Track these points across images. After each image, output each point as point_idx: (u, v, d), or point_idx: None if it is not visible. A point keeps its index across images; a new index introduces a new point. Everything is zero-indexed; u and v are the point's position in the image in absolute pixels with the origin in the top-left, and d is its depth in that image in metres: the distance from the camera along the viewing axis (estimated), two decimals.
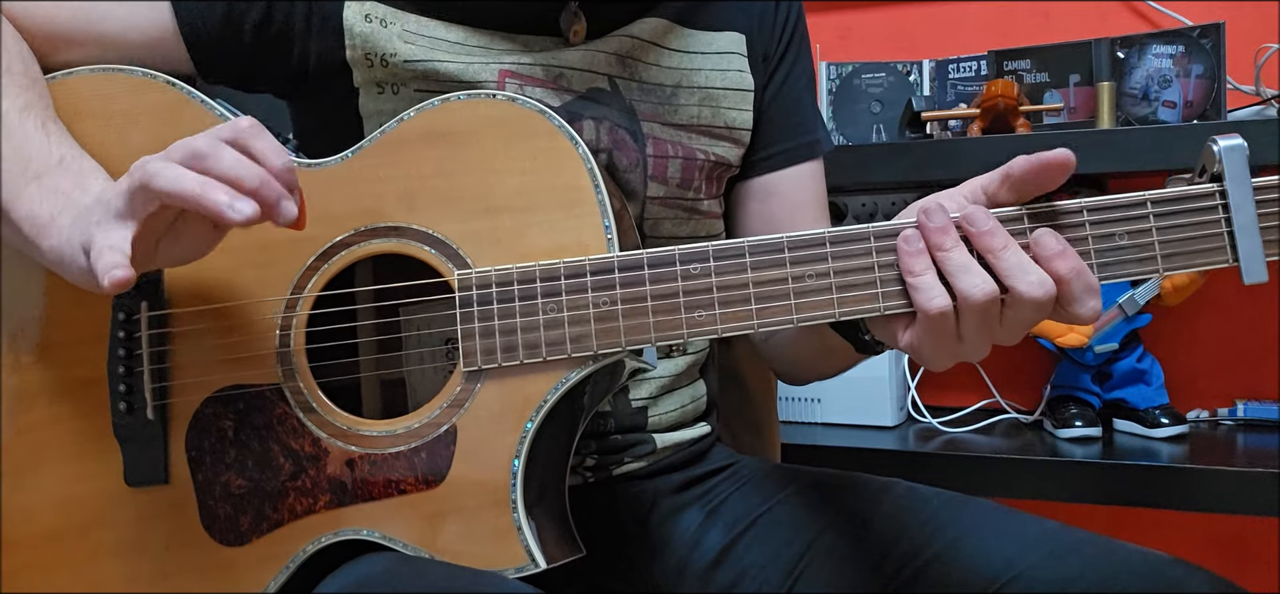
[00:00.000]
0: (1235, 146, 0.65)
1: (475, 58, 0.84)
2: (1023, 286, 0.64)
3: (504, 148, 0.75)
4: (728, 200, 0.99)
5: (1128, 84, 1.41)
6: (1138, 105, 1.41)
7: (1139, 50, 1.40)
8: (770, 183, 0.97)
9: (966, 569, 0.79)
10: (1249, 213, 0.65)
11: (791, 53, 0.98)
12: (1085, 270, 0.65)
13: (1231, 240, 0.65)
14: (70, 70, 0.82)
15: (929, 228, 0.66)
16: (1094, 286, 0.65)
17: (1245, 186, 0.65)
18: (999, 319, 0.66)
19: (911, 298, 0.67)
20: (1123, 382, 1.49)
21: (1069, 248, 0.65)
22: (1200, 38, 1.37)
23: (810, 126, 0.99)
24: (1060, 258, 0.64)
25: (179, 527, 0.77)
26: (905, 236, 0.67)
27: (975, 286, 0.65)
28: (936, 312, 0.65)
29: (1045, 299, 0.64)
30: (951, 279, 0.65)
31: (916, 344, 0.69)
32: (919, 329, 0.68)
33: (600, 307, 0.71)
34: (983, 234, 0.65)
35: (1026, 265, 0.65)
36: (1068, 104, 1.44)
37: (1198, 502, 1.26)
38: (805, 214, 0.97)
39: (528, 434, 0.73)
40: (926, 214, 0.66)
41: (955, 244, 0.66)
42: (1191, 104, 1.38)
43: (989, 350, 0.68)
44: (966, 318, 0.66)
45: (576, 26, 0.86)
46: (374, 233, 0.76)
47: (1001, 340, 0.68)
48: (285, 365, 0.76)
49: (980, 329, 0.66)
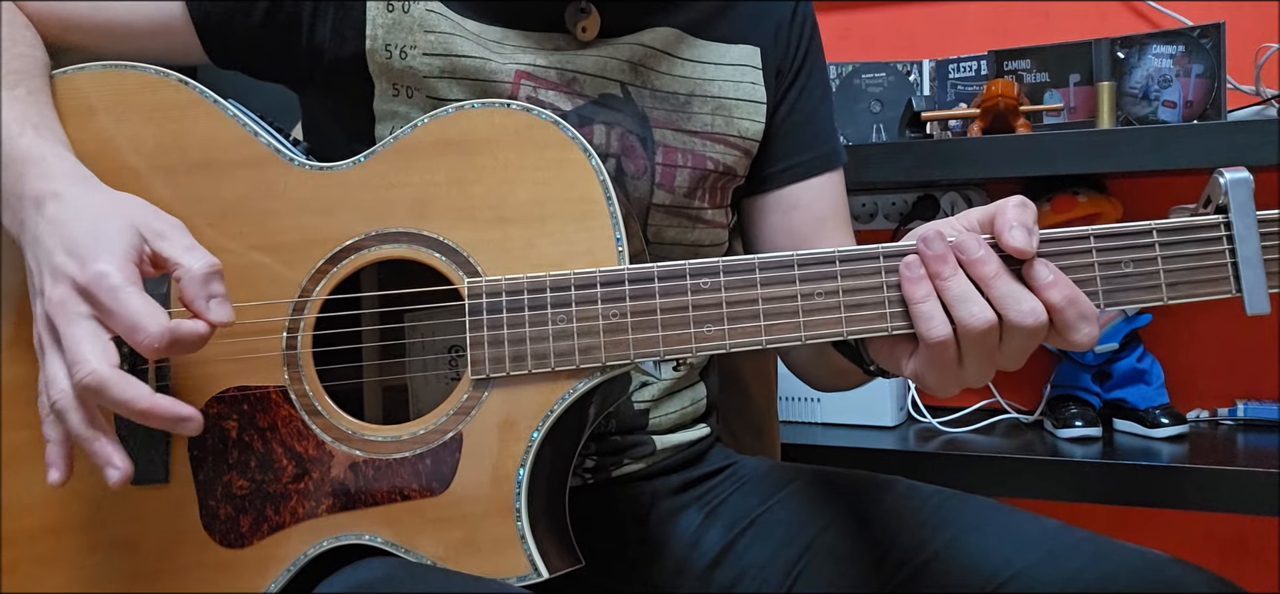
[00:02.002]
0: (1241, 179, 0.66)
1: (492, 53, 0.84)
2: (1014, 315, 0.65)
3: (517, 158, 0.75)
4: (746, 214, 0.99)
5: (1128, 84, 1.41)
6: (1138, 105, 1.41)
7: (1139, 50, 1.40)
8: (792, 195, 0.96)
9: (966, 568, 0.79)
10: (1253, 244, 0.66)
11: (808, 65, 0.97)
12: (1079, 298, 0.66)
13: (1235, 271, 0.66)
14: (82, 66, 0.82)
15: (927, 256, 0.67)
16: (1089, 313, 0.66)
17: (1250, 218, 0.66)
18: (999, 347, 0.67)
19: (914, 325, 0.67)
20: (1123, 381, 1.49)
21: (1062, 276, 0.66)
22: (1200, 38, 1.37)
23: (828, 138, 0.98)
24: (1052, 287, 0.65)
25: (179, 527, 0.77)
26: (907, 262, 0.68)
27: (973, 316, 0.65)
28: (937, 340, 0.66)
29: (1037, 327, 0.65)
30: (951, 308, 0.66)
31: (920, 371, 0.69)
32: (921, 357, 0.69)
33: (610, 319, 0.72)
34: (975, 262, 0.66)
35: (1018, 294, 0.65)
36: (1068, 104, 1.44)
37: (1198, 502, 1.26)
38: (829, 227, 0.97)
39: (534, 444, 0.73)
40: (925, 242, 0.67)
41: (954, 272, 0.66)
42: (1191, 104, 1.38)
43: (992, 376, 0.69)
44: (967, 346, 0.66)
45: (584, 22, 0.86)
46: (384, 238, 0.76)
47: (1003, 365, 0.68)
48: (291, 368, 0.76)
49: (981, 356, 0.67)
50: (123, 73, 0.81)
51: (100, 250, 0.67)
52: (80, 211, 0.70)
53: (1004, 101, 1.35)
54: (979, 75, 1.54)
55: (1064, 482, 1.32)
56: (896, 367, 0.72)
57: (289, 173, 0.78)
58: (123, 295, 0.66)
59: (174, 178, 0.79)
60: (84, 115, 0.80)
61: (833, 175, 0.98)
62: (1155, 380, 1.49)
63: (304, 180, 0.78)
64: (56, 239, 0.69)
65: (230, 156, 0.79)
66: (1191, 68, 1.38)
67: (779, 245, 0.96)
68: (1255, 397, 1.54)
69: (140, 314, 0.65)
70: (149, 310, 0.66)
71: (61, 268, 0.67)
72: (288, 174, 0.78)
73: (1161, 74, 1.39)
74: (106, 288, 0.66)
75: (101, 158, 0.78)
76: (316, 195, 0.77)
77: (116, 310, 0.66)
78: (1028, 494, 1.34)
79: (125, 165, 0.79)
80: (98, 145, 0.79)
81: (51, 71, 0.82)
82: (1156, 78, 1.40)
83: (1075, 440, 1.42)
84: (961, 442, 1.47)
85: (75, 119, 0.79)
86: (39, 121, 0.75)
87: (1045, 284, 0.65)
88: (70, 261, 0.67)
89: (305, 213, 0.77)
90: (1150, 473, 1.28)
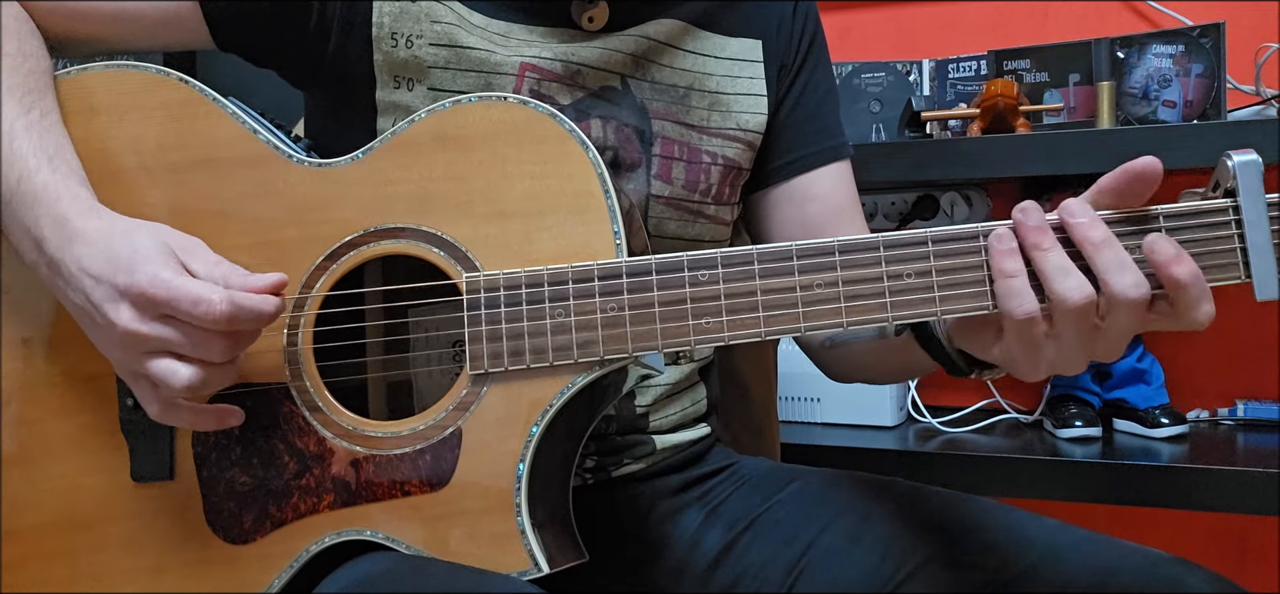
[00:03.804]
0: (1250, 162, 0.64)
1: (497, 46, 0.84)
2: (1119, 287, 0.62)
3: (515, 152, 0.75)
4: (756, 209, 0.99)
5: (1127, 83, 1.41)
6: (1137, 105, 1.41)
7: (1139, 50, 1.40)
8: (803, 187, 0.96)
9: (966, 567, 0.79)
10: (1263, 229, 0.64)
11: (811, 60, 0.97)
12: (1201, 275, 0.63)
13: (1244, 257, 0.64)
14: (85, 66, 0.82)
15: (1027, 226, 0.64)
16: (1207, 292, 0.63)
17: (1259, 202, 0.64)
18: (1097, 327, 0.64)
19: (999, 301, 0.65)
20: (1123, 381, 1.49)
21: (1184, 252, 0.63)
22: (1200, 37, 1.37)
23: (835, 131, 0.98)
24: (1177, 262, 0.63)
25: (183, 523, 0.77)
26: (997, 235, 0.65)
27: (1071, 290, 0.63)
28: (1025, 315, 0.64)
29: (1140, 300, 0.63)
30: (1047, 281, 0.64)
31: (1008, 353, 0.67)
32: (1009, 338, 0.66)
33: (608, 312, 0.72)
34: (1080, 224, 0.63)
35: (1126, 262, 0.63)
36: (1067, 104, 1.44)
37: (1198, 501, 1.26)
38: (844, 218, 0.96)
39: (533, 438, 0.73)
40: (1024, 212, 0.65)
41: (1053, 245, 0.64)
42: (1191, 104, 1.38)
43: (1084, 366, 0.66)
44: (1063, 323, 0.64)
45: (590, 12, 0.86)
46: (383, 233, 0.77)
47: (1100, 355, 0.66)
48: (292, 364, 0.77)
49: (1077, 336, 0.64)
50: (124, 72, 0.81)
51: (140, 261, 0.69)
52: (110, 235, 0.71)
53: (1003, 101, 1.35)
54: (978, 75, 1.54)
55: (1064, 482, 1.32)
56: (983, 350, 0.70)
57: (288, 170, 0.78)
58: (179, 282, 0.68)
59: (175, 176, 0.79)
60: (86, 115, 0.80)
61: (842, 166, 0.98)
62: (1155, 380, 1.49)
63: (303, 177, 0.78)
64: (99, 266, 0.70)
65: (230, 154, 0.79)
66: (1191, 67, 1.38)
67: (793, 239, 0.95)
68: (1255, 397, 1.54)
69: (202, 289, 0.68)
70: (208, 286, 0.68)
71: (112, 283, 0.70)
72: (287, 171, 0.78)
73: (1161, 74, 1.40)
74: (162, 283, 0.68)
75: (104, 157, 0.79)
76: (316, 192, 0.77)
77: (178, 295, 0.68)
78: (1028, 494, 1.34)
79: (126, 164, 0.79)
80: (100, 144, 0.79)
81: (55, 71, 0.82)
82: (1156, 77, 1.40)
83: (1075, 440, 1.42)
84: (961, 442, 1.47)
85: (78, 119, 0.80)
86: (54, 152, 0.76)
87: (1169, 258, 0.62)
88: (118, 274, 0.69)
89: (305, 209, 0.78)
90: (1150, 473, 1.28)
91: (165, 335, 0.69)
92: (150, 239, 0.71)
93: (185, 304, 0.68)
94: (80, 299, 0.71)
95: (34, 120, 0.76)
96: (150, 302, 0.68)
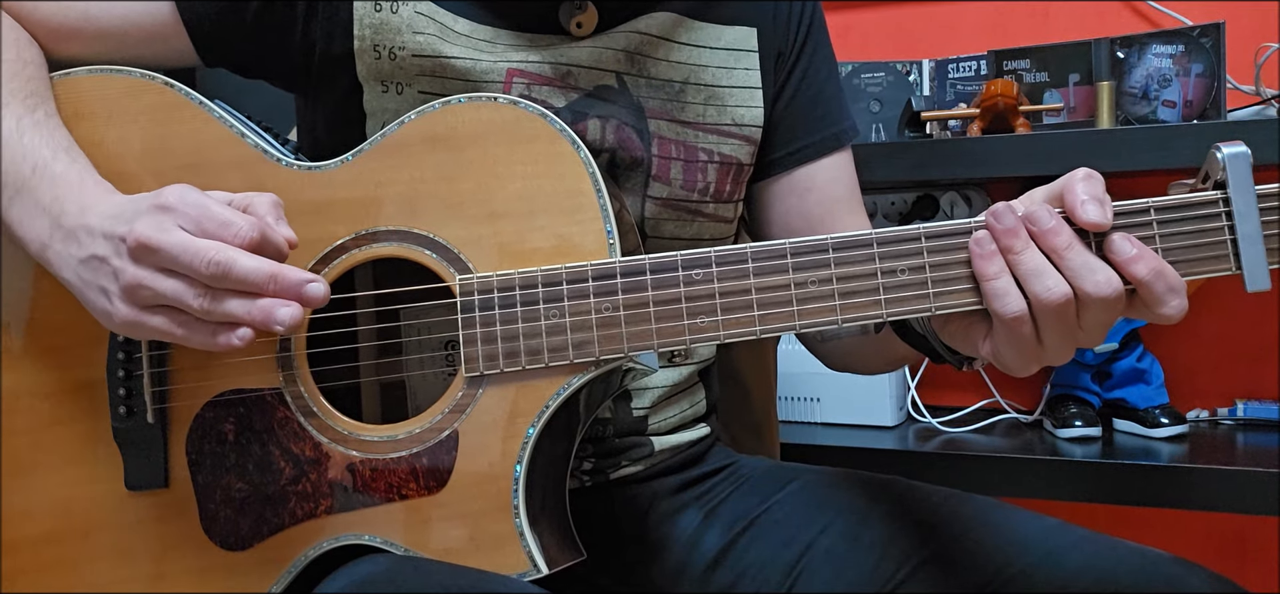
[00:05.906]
0: (1239, 154, 0.65)
1: (483, 53, 0.84)
2: (1089, 287, 0.63)
3: (506, 152, 0.75)
4: (757, 201, 0.98)
5: (1127, 83, 1.41)
6: (1137, 105, 1.41)
7: (1139, 50, 1.40)
8: (804, 177, 0.95)
9: (965, 567, 0.79)
10: (1253, 221, 0.64)
11: (810, 45, 0.96)
12: (1166, 270, 0.64)
13: (1234, 248, 0.65)
14: (69, 71, 0.82)
15: (998, 229, 0.65)
16: (1178, 286, 0.64)
17: (1249, 194, 0.64)
18: (1077, 321, 0.65)
19: (987, 303, 0.66)
20: (1123, 381, 1.49)
21: (1145, 249, 0.64)
22: (1200, 37, 1.37)
23: (836, 117, 0.97)
24: (1136, 261, 0.64)
25: (179, 531, 0.77)
26: (977, 239, 0.66)
27: (1048, 290, 0.64)
28: (1012, 315, 0.65)
29: (1113, 297, 0.64)
30: (1025, 283, 0.65)
31: (998, 351, 0.68)
32: (998, 336, 0.67)
33: (602, 312, 0.71)
34: (1046, 233, 0.64)
35: (1093, 264, 0.64)
36: (1067, 104, 1.44)
37: (1198, 501, 1.25)
38: (844, 208, 0.96)
39: (530, 439, 0.73)
40: (995, 216, 0.65)
41: (1025, 245, 0.65)
42: (1191, 104, 1.38)
43: (1072, 354, 0.67)
44: (1043, 321, 0.65)
45: (579, 17, 0.86)
46: (375, 237, 0.76)
47: (1084, 343, 0.67)
48: (286, 369, 0.76)
49: (1060, 332, 0.65)
50: (110, 77, 0.81)
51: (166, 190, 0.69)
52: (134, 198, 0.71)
53: (1003, 101, 1.35)
54: (978, 75, 1.53)
55: (1064, 481, 1.32)
56: (973, 347, 0.71)
57: (277, 173, 0.78)
58: (207, 202, 0.68)
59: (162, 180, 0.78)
60: (72, 121, 0.80)
61: (842, 155, 0.97)
62: (1155, 380, 1.49)
63: (292, 180, 0.78)
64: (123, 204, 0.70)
65: (217, 157, 0.79)
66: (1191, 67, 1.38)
67: (795, 230, 0.95)
68: (1255, 396, 1.53)
69: (229, 213, 0.68)
70: (235, 212, 0.68)
71: (136, 206, 0.69)
72: (276, 174, 0.78)
73: (1161, 74, 1.39)
74: (191, 200, 0.68)
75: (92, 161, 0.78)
76: (305, 195, 0.77)
77: (206, 215, 0.67)
78: (1028, 494, 1.34)
79: (113, 169, 0.78)
80: (87, 149, 0.78)
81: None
82: (1156, 77, 1.40)
83: (1075, 440, 1.42)
84: (961, 441, 1.47)
85: (67, 123, 0.79)
86: (67, 146, 0.76)
87: (1128, 258, 0.64)
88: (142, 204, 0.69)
89: (294, 213, 0.77)
90: (1150, 473, 1.28)
91: (183, 242, 0.67)
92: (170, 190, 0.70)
93: (213, 225, 0.67)
94: (97, 246, 0.70)
95: (40, 119, 0.77)
96: (173, 211, 0.67)
